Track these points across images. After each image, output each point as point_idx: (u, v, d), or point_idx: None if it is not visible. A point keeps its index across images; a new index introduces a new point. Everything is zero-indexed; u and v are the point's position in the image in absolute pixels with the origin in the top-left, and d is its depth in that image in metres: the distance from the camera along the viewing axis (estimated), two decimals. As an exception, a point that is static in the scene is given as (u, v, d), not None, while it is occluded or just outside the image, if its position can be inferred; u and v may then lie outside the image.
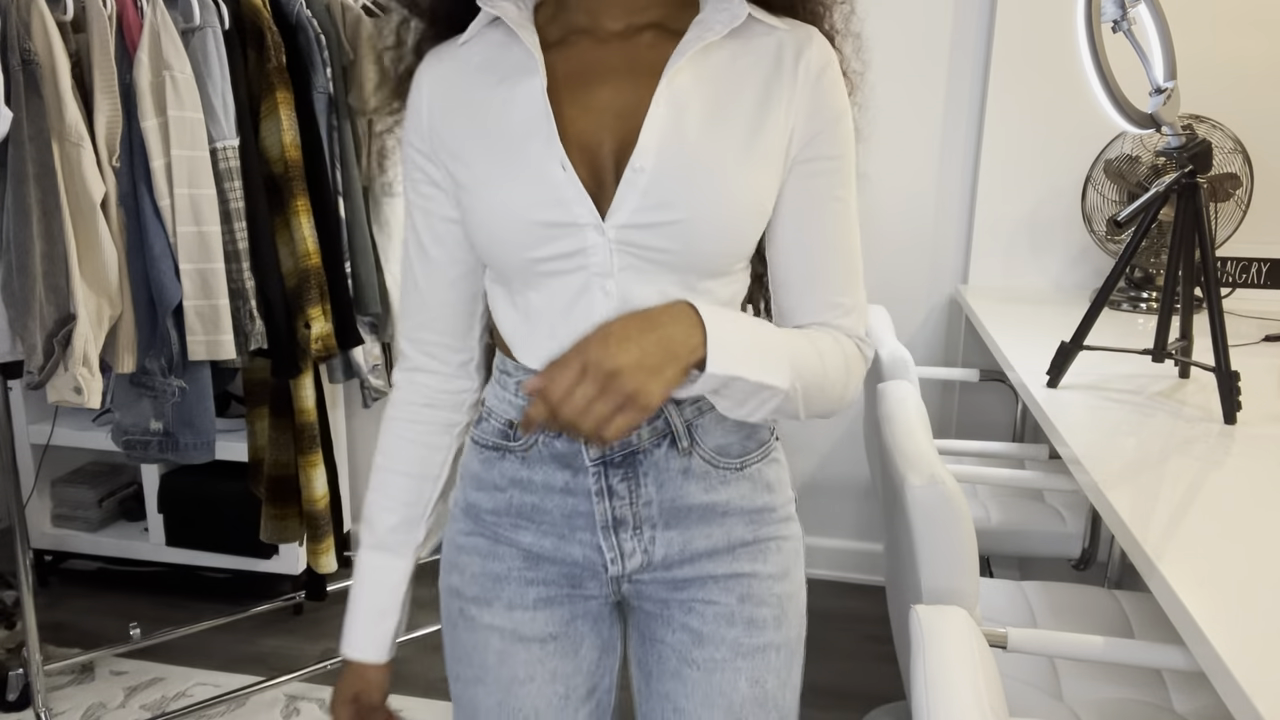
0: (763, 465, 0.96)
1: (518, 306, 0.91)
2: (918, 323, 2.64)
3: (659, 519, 0.93)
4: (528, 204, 0.85)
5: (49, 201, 1.58)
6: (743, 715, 0.94)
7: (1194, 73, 2.27)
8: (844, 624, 2.60)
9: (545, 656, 0.96)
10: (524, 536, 0.96)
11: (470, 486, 0.99)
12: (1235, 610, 0.91)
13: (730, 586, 0.94)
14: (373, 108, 1.74)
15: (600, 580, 0.96)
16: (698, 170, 0.85)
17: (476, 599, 0.98)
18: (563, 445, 0.92)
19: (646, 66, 0.87)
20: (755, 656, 0.95)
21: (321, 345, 1.90)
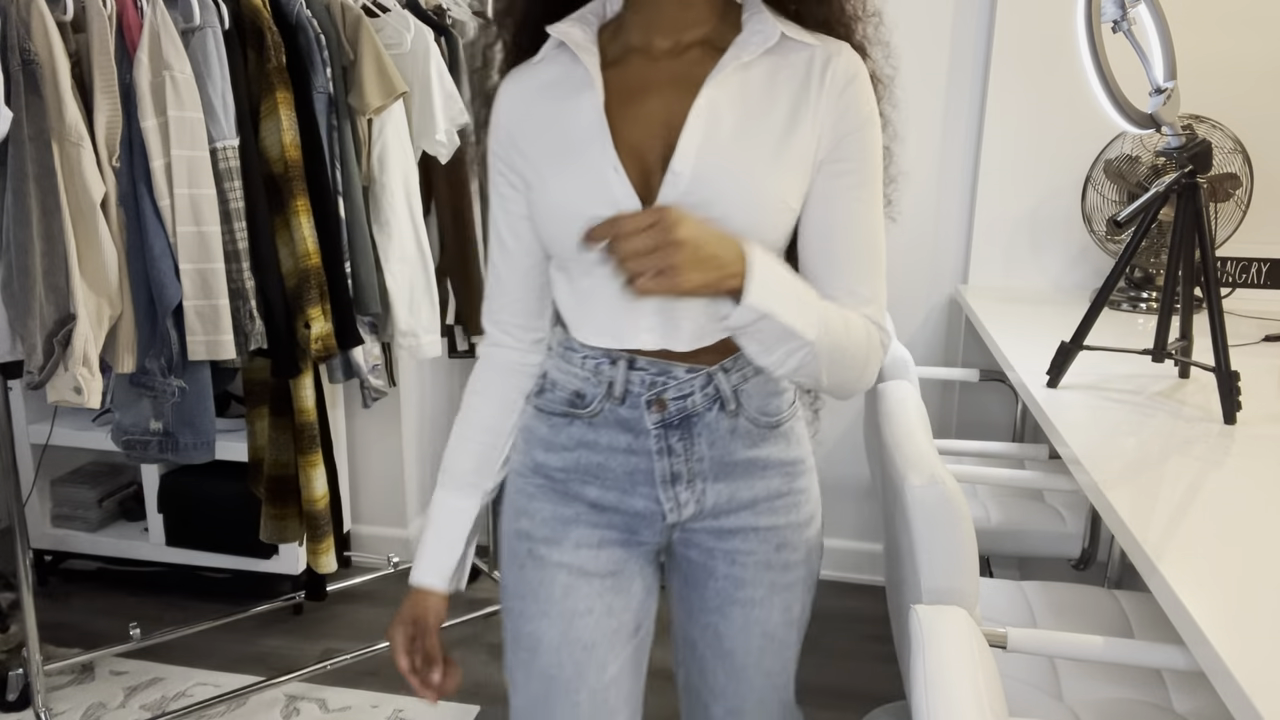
0: (793, 423, 1.12)
1: (575, 291, 1.05)
2: (918, 323, 2.64)
3: (710, 473, 1.06)
4: (584, 201, 0.97)
5: (49, 201, 1.58)
6: (775, 635, 1.13)
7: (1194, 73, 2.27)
8: (844, 624, 2.60)
9: (604, 591, 1.08)
10: (590, 491, 1.08)
11: (538, 449, 1.10)
12: (1235, 610, 0.91)
13: (767, 538, 1.11)
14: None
15: (655, 529, 1.09)
16: (730, 173, 0.96)
17: (546, 539, 1.09)
18: (626, 412, 1.04)
19: (691, 81, 0.98)
20: (786, 591, 1.13)
21: (321, 345, 1.90)
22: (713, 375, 1.04)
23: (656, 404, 1.03)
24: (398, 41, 2.03)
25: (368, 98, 1.91)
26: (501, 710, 2.21)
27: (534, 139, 1.03)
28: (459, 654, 2.44)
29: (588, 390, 1.05)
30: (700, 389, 1.04)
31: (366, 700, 2.22)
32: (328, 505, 2.07)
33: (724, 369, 1.04)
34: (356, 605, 2.66)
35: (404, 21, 2.04)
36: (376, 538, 2.89)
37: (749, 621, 1.12)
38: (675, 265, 0.83)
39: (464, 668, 2.37)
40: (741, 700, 1.15)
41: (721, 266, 0.86)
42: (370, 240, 2.01)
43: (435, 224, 2.22)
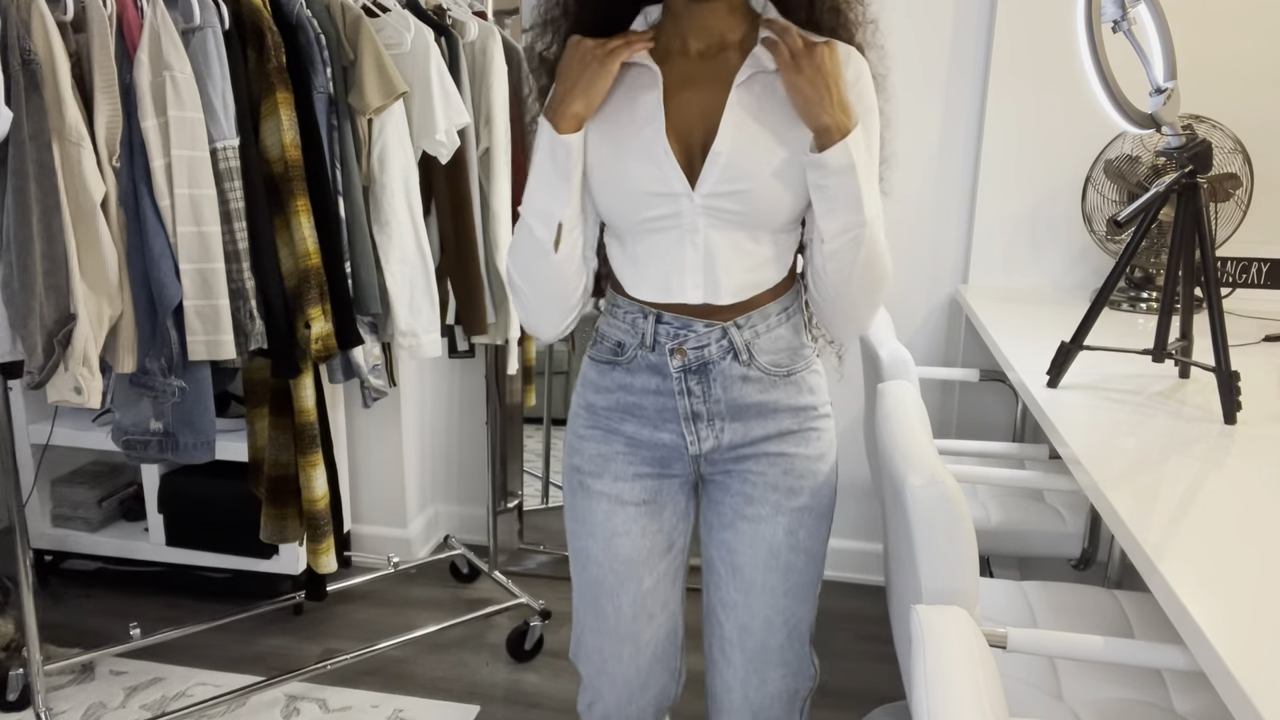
0: (805, 374, 1.29)
1: (628, 255, 1.24)
2: (918, 323, 2.64)
3: (726, 414, 1.26)
4: (639, 178, 1.18)
5: (49, 201, 1.58)
6: (778, 553, 1.27)
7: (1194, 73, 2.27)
8: (844, 624, 2.60)
9: (638, 516, 1.30)
10: (627, 427, 1.30)
11: (589, 391, 1.33)
12: (1235, 610, 0.91)
13: (776, 463, 1.27)
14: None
15: (683, 461, 1.30)
16: (760, 154, 1.16)
17: (592, 473, 1.31)
18: (655, 358, 1.25)
19: (722, 78, 1.19)
20: (791, 514, 1.27)
21: (321, 345, 1.90)
22: (727, 329, 1.23)
23: (678, 351, 1.24)
24: (398, 41, 2.03)
25: (368, 98, 1.91)
26: (501, 710, 2.21)
27: (597, 125, 1.20)
28: (459, 654, 2.44)
29: (627, 340, 1.27)
30: (715, 341, 1.23)
31: (366, 700, 2.22)
32: (328, 505, 2.07)
33: (737, 325, 1.23)
34: (356, 605, 2.66)
35: (404, 21, 2.04)
36: (376, 538, 2.89)
37: (756, 536, 1.27)
38: (826, 72, 1.10)
39: (464, 668, 2.37)
40: (750, 617, 1.28)
41: (844, 105, 1.13)
42: (370, 240, 2.01)
43: (435, 224, 2.22)
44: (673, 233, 1.20)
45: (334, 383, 2.05)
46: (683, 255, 1.20)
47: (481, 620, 2.58)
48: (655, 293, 1.23)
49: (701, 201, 1.17)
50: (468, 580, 2.81)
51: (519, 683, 2.32)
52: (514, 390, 2.84)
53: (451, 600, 2.70)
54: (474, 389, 2.92)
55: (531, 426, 3.11)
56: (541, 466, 3.16)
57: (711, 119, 1.17)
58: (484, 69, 2.20)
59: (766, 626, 1.29)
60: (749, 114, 1.17)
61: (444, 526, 3.07)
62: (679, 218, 1.19)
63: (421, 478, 2.96)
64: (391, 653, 2.42)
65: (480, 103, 2.22)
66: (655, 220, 1.19)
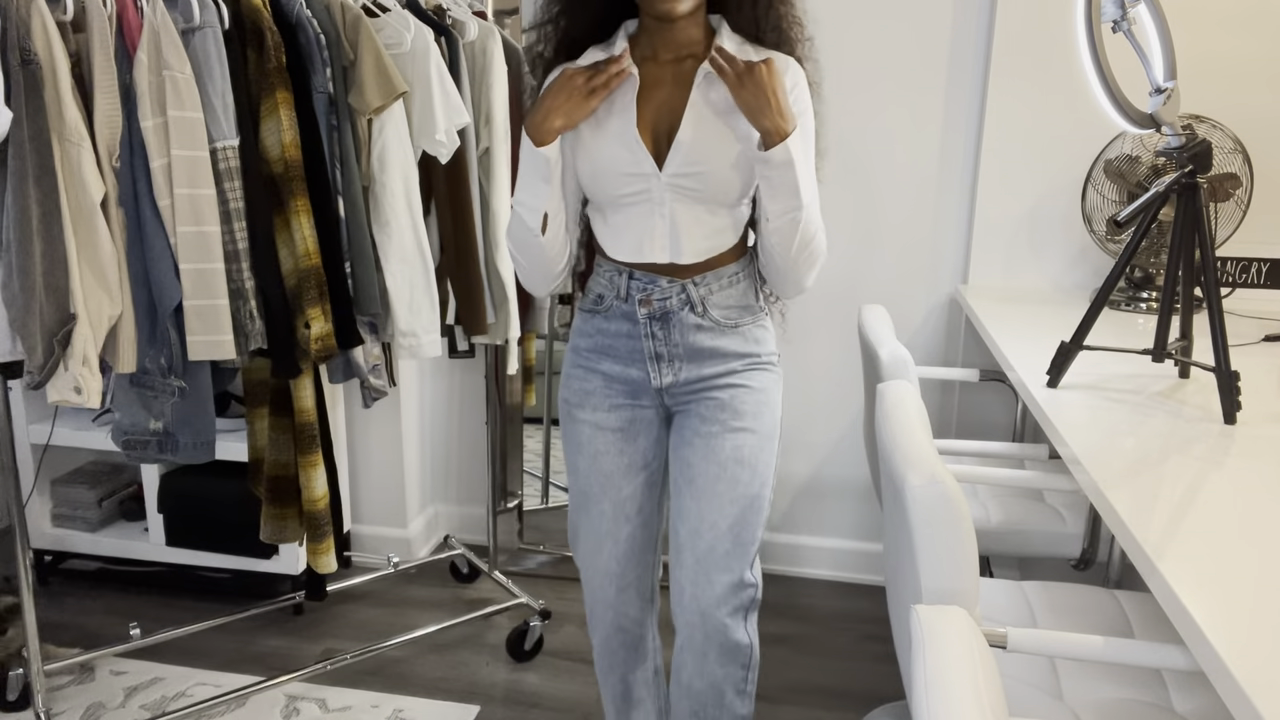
0: (752, 328, 1.55)
1: (608, 224, 1.52)
2: (918, 323, 2.64)
3: (682, 355, 1.53)
4: (616, 160, 1.45)
5: (49, 201, 1.58)
6: (725, 465, 1.50)
7: (1194, 73, 2.27)
8: (844, 624, 2.60)
9: (616, 439, 1.58)
10: (604, 365, 1.57)
11: (576, 335, 1.61)
12: (1235, 610, 0.91)
13: (724, 392, 1.53)
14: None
15: (650, 394, 1.57)
16: (715, 143, 1.43)
17: (578, 405, 1.60)
18: (627, 307, 1.52)
19: (685, 81, 1.46)
20: (737, 434, 1.51)
21: (321, 345, 1.90)
22: (685, 286, 1.50)
23: (645, 302, 1.50)
24: (398, 41, 2.03)
25: (368, 98, 1.91)
26: (501, 710, 2.21)
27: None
28: (459, 654, 2.44)
29: (605, 293, 1.54)
30: (676, 294, 1.50)
31: (366, 700, 2.22)
32: (328, 505, 2.07)
33: (694, 283, 1.50)
34: (356, 605, 2.66)
35: (404, 21, 2.04)
36: (376, 538, 2.89)
37: (708, 450, 1.51)
38: (766, 91, 1.33)
39: (464, 668, 2.37)
40: (700, 521, 1.50)
41: (782, 112, 1.35)
42: (370, 240, 2.01)
43: (435, 224, 2.22)
44: (644, 205, 1.46)
45: (334, 383, 2.05)
46: (652, 224, 1.47)
47: (481, 620, 2.58)
48: (629, 254, 1.50)
49: (667, 180, 1.44)
50: (468, 580, 2.81)
51: (519, 683, 2.32)
52: (514, 390, 2.84)
53: (451, 600, 2.70)
54: (474, 389, 2.92)
55: (531, 426, 3.11)
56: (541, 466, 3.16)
57: (675, 114, 1.44)
58: (484, 69, 2.20)
59: (714, 531, 1.49)
60: (707, 110, 1.43)
61: (444, 526, 3.07)
62: (649, 194, 1.46)
63: (421, 478, 2.96)
64: (391, 653, 2.42)
65: (480, 102, 2.22)
66: (629, 196, 1.47)
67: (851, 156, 2.56)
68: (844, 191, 2.59)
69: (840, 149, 2.56)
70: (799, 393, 2.75)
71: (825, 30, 2.50)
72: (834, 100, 2.54)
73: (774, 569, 2.88)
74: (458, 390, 2.95)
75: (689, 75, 1.45)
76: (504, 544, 2.92)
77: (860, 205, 2.58)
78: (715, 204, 1.46)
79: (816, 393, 2.74)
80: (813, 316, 2.69)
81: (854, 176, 2.57)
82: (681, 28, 1.45)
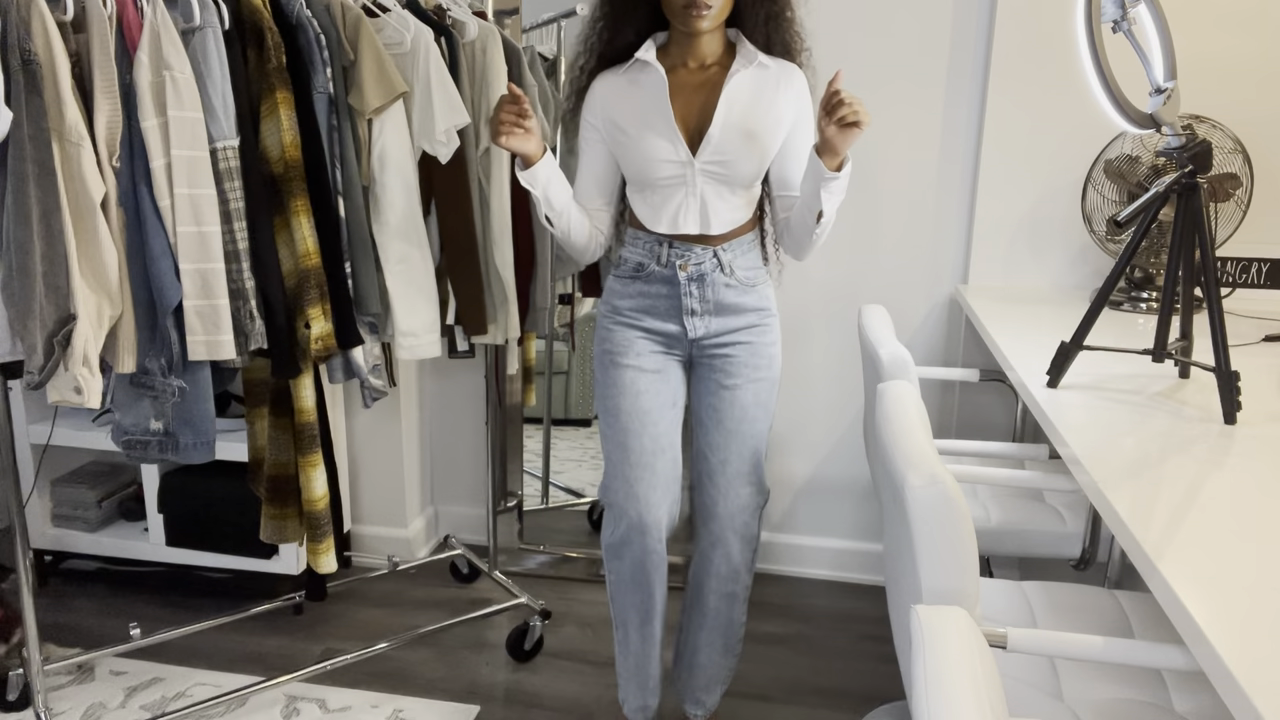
0: (762, 286, 1.88)
1: (647, 202, 1.82)
2: (918, 323, 2.64)
3: (713, 310, 1.84)
4: (657, 150, 1.76)
5: (49, 201, 1.58)
6: (747, 409, 1.86)
7: (1194, 73, 2.27)
8: (844, 624, 2.61)
9: (653, 380, 1.87)
10: (645, 320, 1.87)
11: (615, 298, 1.89)
12: (1235, 610, 0.91)
13: (745, 349, 1.86)
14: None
15: (683, 344, 1.88)
16: (739, 137, 1.75)
17: (620, 353, 1.87)
18: (667, 272, 1.82)
19: (712, 84, 1.78)
20: (756, 383, 1.87)
21: (321, 345, 1.90)
22: (718, 252, 1.81)
23: (684, 266, 1.81)
24: (398, 41, 2.03)
25: (368, 98, 1.91)
26: (501, 710, 2.21)
27: (623, 112, 1.80)
28: (459, 654, 2.44)
29: (646, 261, 1.84)
30: (709, 259, 1.81)
31: (366, 700, 2.23)
32: (328, 505, 2.07)
33: (724, 249, 1.81)
34: (356, 605, 2.66)
35: (404, 21, 2.04)
36: (376, 538, 2.89)
37: (734, 399, 1.86)
38: (858, 124, 1.59)
39: (464, 668, 2.37)
40: (728, 452, 1.87)
41: (846, 151, 1.66)
42: (370, 240, 2.01)
43: (435, 224, 2.22)
44: (678, 188, 1.78)
45: (334, 383, 2.05)
46: (685, 201, 1.78)
47: (481, 620, 2.58)
48: (667, 226, 1.80)
49: (700, 167, 1.76)
50: (468, 580, 2.81)
51: (519, 683, 2.32)
52: (514, 390, 2.84)
53: (451, 600, 2.70)
54: (474, 389, 2.92)
55: (531, 426, 3.11)
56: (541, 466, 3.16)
57: (705, 112, 1.77)
58: (484, 69, 2.20)
59: (739, 458, 1.87)
60: (733, 111, 1.75)
61: (444, 526, 3.07)
62: (683, 178, 1.77)
63: (421, 478, 2.96)
64: (391, 653, 2.42)
65: (480, 103, 2.22)
66: (666, 179, 1.78)
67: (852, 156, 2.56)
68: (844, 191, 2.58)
69: (840, 149, 2.56)
70: (799, 393, 2.75)
71: (827, 31, 2.51)
72: (834, 100, 2.54)
73: (774, 569, 2.88)
74: (458, 390, 2.95)
75: (714, 79, 1.78)
76: (504, 544, 2.92)
77: (860, 205, 2.58)
78: (736, 185, 1.78)
79: (816, 393, 2.74)
80: (813, 316, 2.69)
81: (854, 177, 2.57)
82: (706, 41, 1.77)
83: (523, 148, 1.72)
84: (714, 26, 1.73)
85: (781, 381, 2.75)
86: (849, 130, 1.59)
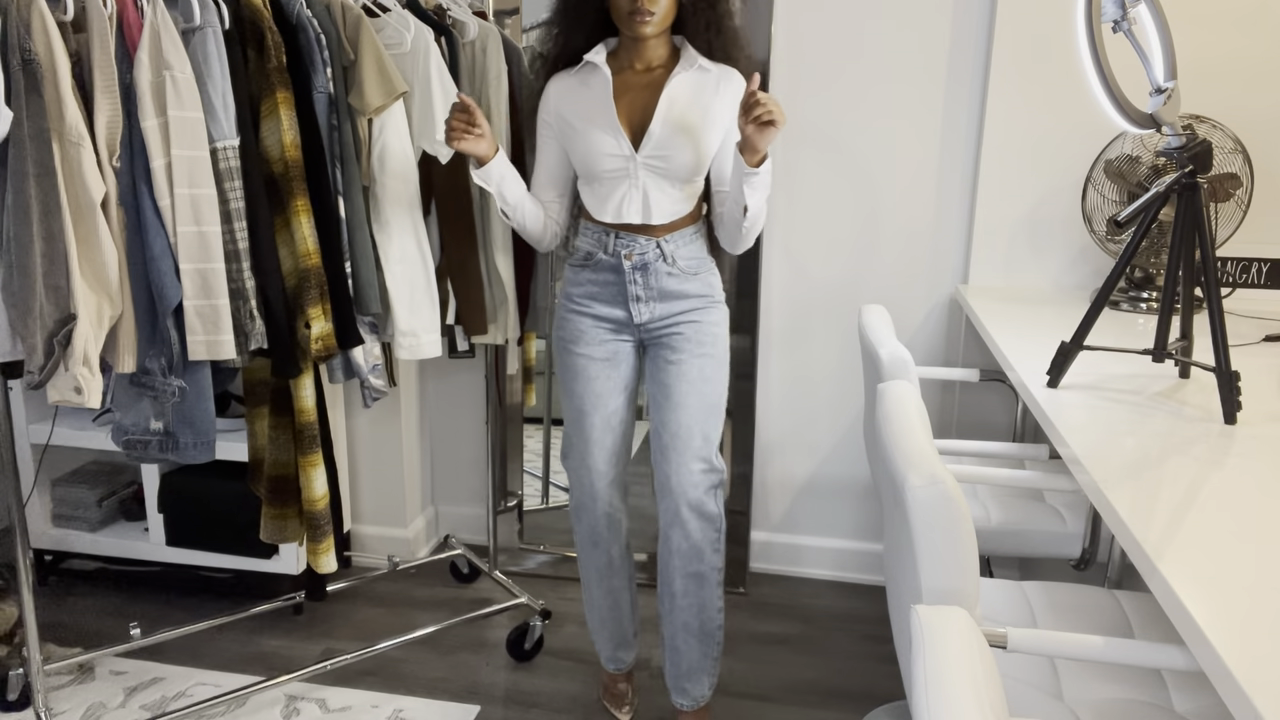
0: (706, 274, 1.98)
1: (595, 194, 1.94)
2: (918, 323, 2.64)
3: (656, 296, 1.95)
4: (602, 144, 1.89)
5: (49, 201, 1.58)
6: (696, 383, 1.94)
7: (1194, 73, 2.27)
8: (844, 624, 2.61)
9: (604, 366, 1.99)
10: (594, 307, 1.98)
11: (569, 286, 2.01)
12: (1235, 610, 0.91)
13: (689, 329, 1.96)
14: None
15: (630, 329, 1.99)
16: (678, 135, 1.87)
17: (574, 341, 2.00)
18: (613, 260, 1.94)
19: (655, 86, 1.90)
20: (701, 359, 1.95)
21: (321, 345, 1.90)
22: (660, 242, 1.93)
23: (628, 256, 1.93)
24: (398, 41, 2.03)
25: (368, 98, 1.91)
26: (501, 710, 2.21)
27: (574, 109, 1.93)
28: (459, 654, 2.44)
29: (594, 250, 1.96)
30: (653, 249, 1.93)
31: (366, 700, 2.23)
32: (328, 505, 2.07)
33: (667, 240, 1.93)
34: (356, 605, 2.66)
35: (404, 21, 2.04)
36: (376, 538, 2.89)
37: (680, 373, 1.95)
38: (775, 125, 1.69)
39: (464, 668, 2.37)
40: (678, 426, 1.94)
41: (767, 148, 1.77)
42: (370, 240, 2.01)
43: (435, 224, 2.22)
44: (623, 181, 1.90)
45: (334, 383, 2.05)
46: (629, 192, 1.90)
47: (481, 620, 2.58)
48: (611, 216, 1.92)
49: (642, 160, 1.88)
50: (468, 580, 2.81)
51: (519, 683, 2.32)
52: (514, 390, 2.84)
53: (451, 600, 2.70)
54: (474, 389, 2.92)
55: (531, 426, 3.11)
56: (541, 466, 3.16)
57: (647, 111, 1.89)
58: (484, 69, 2.20)
59: (689, 432, 1.93)
60: (673, 110, 1.88)
61: (444, 526, 3.07)
62: (627, 171, 1.89)
63: (421, 478, 2.96)
64: (391, 653, 2.42)
65: (480, 102, 2.22)
66: (611, 172, 1.90)
67: (852, 157, 2.56)
68: (844, 192, 2.59)
69: (841, 149, 2.56)
70: (799, 393, 2.75)
71: (827, 31, 2.51)
72: (835, 100, 2.54)
73: (774, 569, 2.88)
74: (458, 390, 2.95)
75: (658, 81, 1.90)
76: (504, 544, 2.92)
77: (860, 205, 2.59)
78: (676, 179, 1.90)
79: (816, 393, 2.74)
80: (813, 316, 2.69)
81: (854, 177, 2.57)
82: (651, 45, 1.89)
83: (474, 150, 1.86)
84: (657, 32, 1.84)
85: (781, 381, 2.75)
86: (766, 129, 1.69)
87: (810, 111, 2.55)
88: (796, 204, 2.62)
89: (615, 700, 2.21)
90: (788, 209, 2.63)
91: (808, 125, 2.56)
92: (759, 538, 2.86)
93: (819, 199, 2.61)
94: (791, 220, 2.64)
